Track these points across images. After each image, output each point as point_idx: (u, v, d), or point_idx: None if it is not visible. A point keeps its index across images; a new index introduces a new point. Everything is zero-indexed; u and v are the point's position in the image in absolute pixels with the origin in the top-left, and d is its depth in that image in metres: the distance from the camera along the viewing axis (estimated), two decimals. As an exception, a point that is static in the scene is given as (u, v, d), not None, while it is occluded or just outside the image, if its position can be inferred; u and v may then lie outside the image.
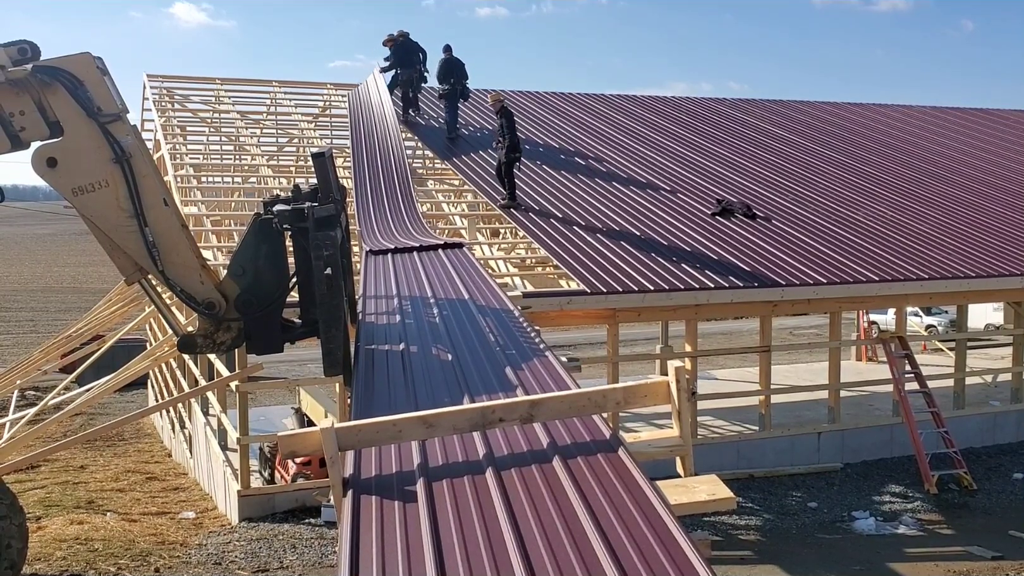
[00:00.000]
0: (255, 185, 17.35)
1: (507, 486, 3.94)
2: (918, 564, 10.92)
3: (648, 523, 3.51)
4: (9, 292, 52.38)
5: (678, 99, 26.05)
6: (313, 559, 10.64)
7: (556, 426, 4.51)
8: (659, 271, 13.94)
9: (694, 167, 19.55)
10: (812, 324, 35.64)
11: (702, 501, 4.25)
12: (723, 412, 15.85)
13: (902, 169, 21.34)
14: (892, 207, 18.53)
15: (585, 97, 24.45)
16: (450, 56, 19.39)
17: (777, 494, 13.51)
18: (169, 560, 10.77)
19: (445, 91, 19.49)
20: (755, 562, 10.92)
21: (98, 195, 6.26)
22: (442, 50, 19.48)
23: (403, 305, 7.59)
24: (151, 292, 6.93)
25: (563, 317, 13.72)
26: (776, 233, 16.23)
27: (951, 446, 14.41)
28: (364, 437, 4.17)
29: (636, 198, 17.26)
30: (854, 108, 26.97)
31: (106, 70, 6.41)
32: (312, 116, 21.37)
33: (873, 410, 16.46)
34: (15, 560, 7.48)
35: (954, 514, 13.10)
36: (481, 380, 5.49)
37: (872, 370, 20.01)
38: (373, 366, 5.94)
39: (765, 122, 23.99)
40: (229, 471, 12.82)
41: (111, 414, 20.41)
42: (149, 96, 20.57)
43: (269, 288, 6.67)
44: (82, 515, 12.89)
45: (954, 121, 26.68)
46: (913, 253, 16.08)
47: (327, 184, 6.47)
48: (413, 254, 10.06)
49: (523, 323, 6.90)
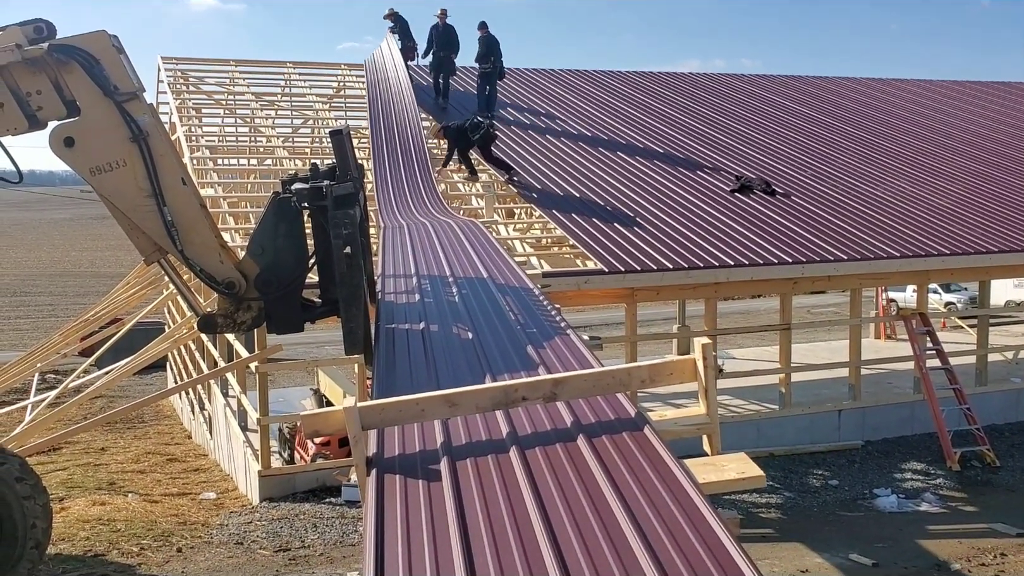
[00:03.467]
0: (271, 167, 17.32)
1: (532, 465, 3.89)
2: (941, 541, 10.85)
3: (676, 502, 3.46)
4: (28, 277, 52.74)
5: (694, 75, 25.81)
6: (334, 538, 10.67)
7: (580, 405, 4.46)
8: (678, 249, 13.83)
9: (712, 143, 19.37)
10: (830, 302, 35.45)
11: (731, 479, 4.20)
12: (742, 391, 15.75)
13: (922, 144, 21.10)
14: (912, 182, 18.33)
15: (599, 74, 24.26)
16: (488, 33, 18.62)
17: (798, 472, 13.45)
18: (191, 540, 10.83)
19: (485, 70, 18.74)
20: (777, 540, 10.87)
21: (116, 174, 6.24)
22: (478, 27, 18.70)
23: (422, 284, 7.55)
24: (171, 272, 6.92)
25: (580, 297, 13.65)
26: (796, 209, 16.08)
27: (973, 423, 14.29)
28: (387, 416, 4.14)
29: (653, 175, 17.12)
30: (872, 83, 26.66)
31: (122, 48, 6.37)
32: (327, 97, 21.30)
33: (893, 388, 16.33)
34: (40, 540, 7.53)
35: (977, 491, 13.01)
36: (503, 359, 5.44)
37: (891, 348, 19.87)
38: (394, 345, 5.90)
39: (783, 98, 23.74)
40: (249, 452, 12.86)
41: (130, 396, 20.52)
42: (164, 79, 20.55)
43: (288, 267, 6.65)
44: (104, 496, 12.97)
45: (974, 95, 26.34)
46: (934, 228, 15.91)
47: (345, 162, 6.42)
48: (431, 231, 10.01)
49: (543, 301, 6.85)
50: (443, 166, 15.88)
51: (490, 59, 18.55)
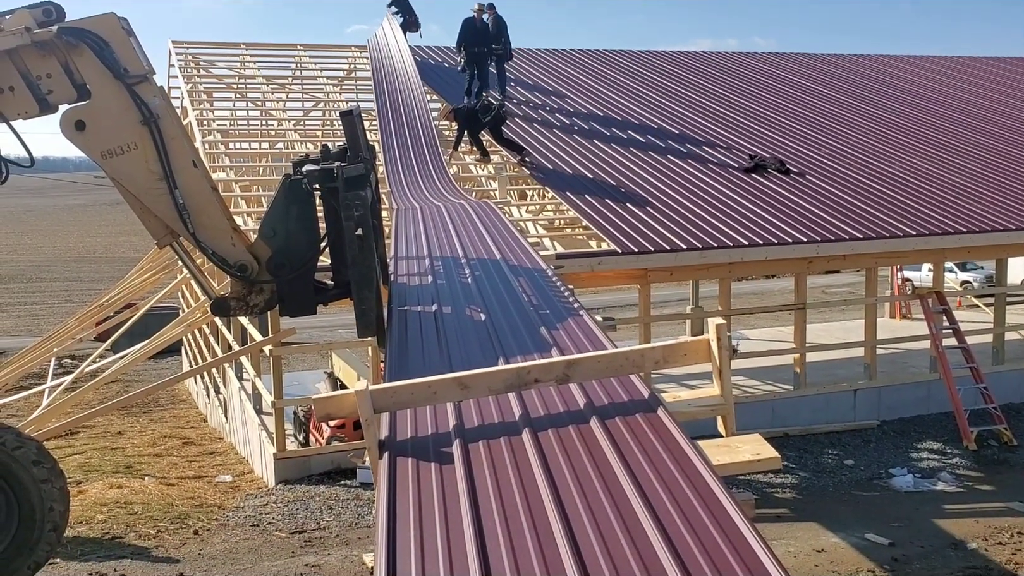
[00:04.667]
0: (282, 150, 17.30)
1: (544, 447, 3.88)
2: (958, 520, 10.80)
3: (690, 484, 3.44)
4: (43, 263, 53.05)
5: (706, 54, 25.60)
6: (350, 520, 10.71)
7: (593, 386, 4.44)
8: (691, 229, 13.75)
9: (725, 122, 19.23)
10: (844, 282, 35.26)
11: (746, 461, 4.17)
12: (755, 372, 15.70)
13: (937, 121, 20.88)
14: (928, 160, 18.15)
15: (610, 53, 24.09)
16: (496, 14, 18.30)
17: (813, 452, 13.41)
18: (208, 522, 10.89)
19: (497, 52, 18.39)
20: (793, 519, 10.85)
21: (127, 158, 6.23)
22: (487, 7, 18.25)
23: (435, 265, 7.52)
24: (183, 256, 6.91)
25: (594, 278, 13.60)
26: (810, 188, 15.95)
27: (990, 402, 14.20)
28: (399, 399, 4.13)
29: (666, 155, 17.01)
30: (886, 60, 26.38)
31: (131, 31, 6.35)
32: (337, 79, 21.23)
33: (908, 367, 16.24)
34: (58, 523, 7.59)
35: (994, 470, 12.94)
36: (515, 340, 5.42)
37: (906, 327, 19.74)
38: (406, 327, 5.89)
39: (796, 76, 23.53)
40: (264, 435, 12.91)
41: (146, 381, 20.62)
42: (175, 63, 20.53)
43: (300, 250, 6.64)
44: (121, 479, 13.07)
45: (991, 71, 26.03)
46: (950, 206, 15.76)
47: (356, 143, 6.39)
48: (444, 212, 9.97)
49: (556, 282, 6.82)
50: (454, 148, 15.80)
51: (500, 41, 18.39)
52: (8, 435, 7.49)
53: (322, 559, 9.22)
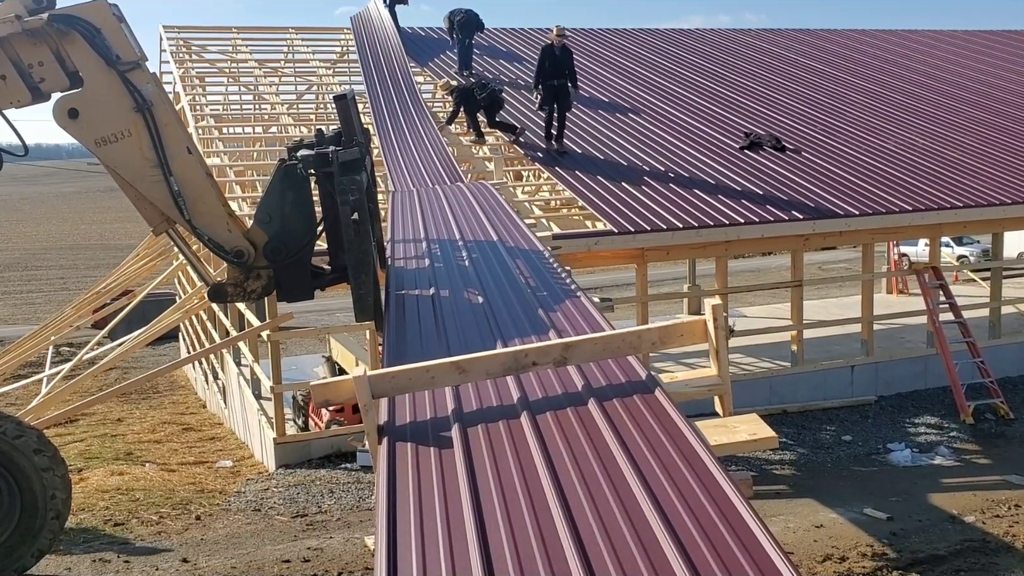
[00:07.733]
0: (276, 134, 17.24)
1: (543, 430, 3.90)
2: (956, 494, 10.86)
3: (688, 464, 3.46)
4: (39, 251, 52.93)
5: (699, 31, 25.48)
6: (351, 503, 10.76)
7: (591, 368, 4.45)
8: (687, 208, 13.75)
9: (720, 100, 19.17)
10: (841, 259, 35.29)
11: (743, 441, 4.19)
12: (753, 349, 15.74)
13: (933, 96, 20.82)
14: (924, 135, 18.12)
15: (602, 32, 23.97)
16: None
17: (811, 428, 13.46)
18: (209, 508, 10.94)
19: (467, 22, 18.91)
20: (791, 496, 10.90)
21: (121, 145, 6.21)
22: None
23: (432, 248, 7.52)
24: (180, 242, 6.91)
25: (590, 258, 13.60)
26: (806, 165, 15.93)
27: (987, 376, 14.25)
28: (397, 384, 4.14)
29: (661, 133, 16.98)
30: (881, 35, 26.27)
31: (122, 17, 6.32)
32: (330, 62, 21.13)
33: (905, 342, 16.28)
34: (60, 510, 7.62)
35: (991, 443, 13.00)
36: (513, 323, 5.43)
37: (903, 303, 19.76)
38: (404, 311, 5.90)
39: (790, 52, 23.44)
40: (264, 419, 12.94)
41: (145, 367, 20.64)
42: (166, 47, 20.42)
43: (297, 235, 6.63)
44: (122, 466, 13.10)
45: (985, 44, 25.93)
46: (946, 181, 15.75)
47: (350, 127, 6.36)
48: (440, 195, 9.96)
49: (553, 264, 6.82)
50: (446, 123, 15.78)
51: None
52: (8, 424, 7.51)
53: (324, 542, 9.26)
